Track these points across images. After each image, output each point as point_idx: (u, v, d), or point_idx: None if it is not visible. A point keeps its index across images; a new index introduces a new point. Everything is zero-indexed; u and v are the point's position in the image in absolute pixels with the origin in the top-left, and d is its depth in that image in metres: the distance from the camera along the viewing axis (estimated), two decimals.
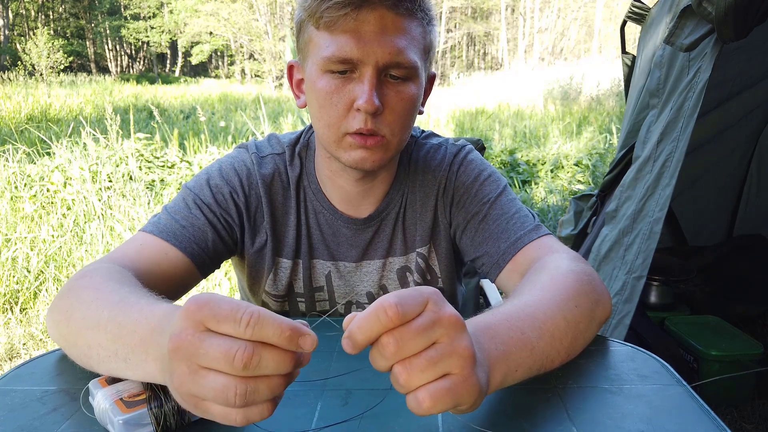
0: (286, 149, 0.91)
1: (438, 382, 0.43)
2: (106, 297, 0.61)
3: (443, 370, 0.44)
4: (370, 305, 0.43)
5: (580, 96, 12.27)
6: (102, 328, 0.57)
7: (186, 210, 0.82)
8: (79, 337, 0.60)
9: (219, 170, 0.87)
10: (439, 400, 0.43)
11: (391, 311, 0.42)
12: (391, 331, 0.43)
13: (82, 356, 0.60)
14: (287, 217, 0.90)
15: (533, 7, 33.17)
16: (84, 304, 0.62)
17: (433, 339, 0.44)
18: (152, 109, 6.41)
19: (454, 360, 0.44)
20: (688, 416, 0.54)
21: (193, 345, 0.41)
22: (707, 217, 2.88)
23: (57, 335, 0.65)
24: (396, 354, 0.43)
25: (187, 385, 0.42)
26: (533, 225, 0.84)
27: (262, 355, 0.40)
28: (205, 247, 0.81)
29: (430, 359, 0.43)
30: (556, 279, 0.67)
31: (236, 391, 0.40)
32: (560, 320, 0.60)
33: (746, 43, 1.73)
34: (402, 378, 0.43)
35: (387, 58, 0.74)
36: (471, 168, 0.91)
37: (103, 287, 0.63)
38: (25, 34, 30.63)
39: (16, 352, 2.37)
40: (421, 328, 0.43)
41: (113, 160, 4.35)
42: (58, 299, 0.67)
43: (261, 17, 26.80)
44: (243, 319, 0.40)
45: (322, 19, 0.74)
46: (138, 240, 0.79)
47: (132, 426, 0.49)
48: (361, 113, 0.75)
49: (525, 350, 0.55)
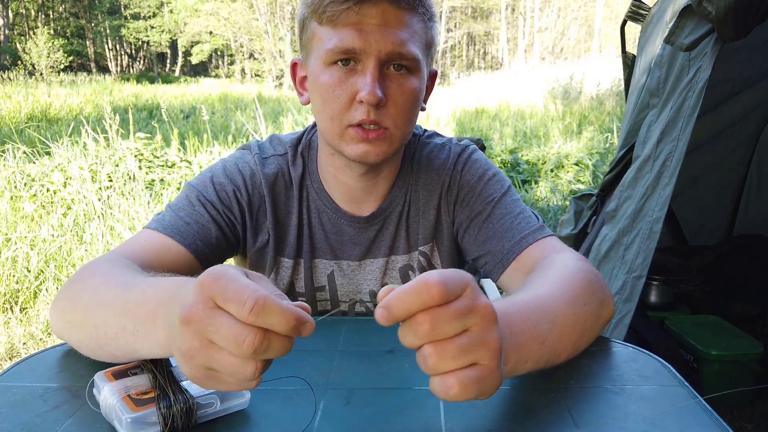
0: (288, 149, 0.91)
1: (467, 371, 0.43)
2: (113, 280, 0.62)
3: (472, 359, 0.43)
4: (412, 279, 0.43)
5: (581, 95, 12.26)
6: (110, 306, 0.57)
7: (190, 207, 0.83)
8: (86, 318, 0.60)
9: (223, 169, 0.88)
10: (467, 389, 0.43)
11: (434, 289, 0.42)
12: (429, 310, 0.42)
13: (90, 339, 0.60)
14: (289, 217, 0.90)
15: (533, 6, 33.16)
16: (90, 287, 0.62)
17: (467, 326, 0.43)
18: (159, 105, 6.40)
19: (484, 351, 0.44)
20: (689, 416, 0.54)
21: (203, 321, 0.42)
22: (707, 217, 2.88)
23: (62, 324, 0.65)
24: (429, 334, 0.42)
25: (199, 358, 0.43)
26: (537, 225, 0.84)
27: (271, 341, 0.42)
28: (208, 243, 0.82)
29: (462, 346, 0.43)
30: (565, 276, 0.67)
31: (256, 367, 0.42)
32: (570, 316, 0.61)
33: (746, 43, 1.73)
34: (431, 360, 0.43)
35: (389, 48, 0.74)
36: (476, 167, 0.91)
37: (109, 272, 0.64)
38: (25, 33, 30.61)
39: (16, 352, 2.36)
40: (458, 313, 0.43)
41: (113, 160, 4.35)
42: (62, 290, 0.67)
43: (261, 17, 26.78)
44: (247, 304, 0.40)
45: (324, 14, 0.74)
46: (142, 236, 0.80)
47: (139, 424, 0.49)
48: (363, 105, 0.75)
49: (536, 342, 0.55)
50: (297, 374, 0.61)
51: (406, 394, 0.58)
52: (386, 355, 0.67)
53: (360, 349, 0.69)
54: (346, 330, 0.74)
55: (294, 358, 0.65)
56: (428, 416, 0.54)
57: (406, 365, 0.64)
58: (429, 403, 0.56)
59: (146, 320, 0.53)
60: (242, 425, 0.53)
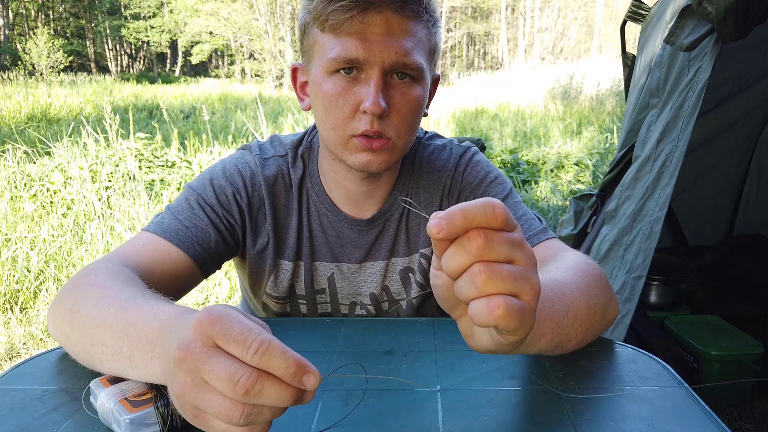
0: (288, 151, 0.91)
1: (512, 298, 0.42)
2: (112, 296, 0.61)
3: (518, 290, 0.42)
4: (475, 200, 0.41)
5: (581, 95, 12.26)
6: (107, 326, 0.57)
7: (189, 210, 0.82)
8: (83, 334, 0.59)
9: (222, 171, 0.87)
10: (510, 314, 0.41)
11: (498, 210, 0.41)
12: (483, 228, 0.41)
13: (85, 354, 0.59)
14: (289, 219, 0.90)
15: (533, 6, 33.16)
16: (89, 301, 0.61)
17: (515, 258, 0.42)
18: (159, 105, 6.40)
19: (528, 287, 0.42)
20: (689, 417, 0.54)
21: (199, 359, 0.41)
22: (707, 217, 2.88)
23: (59, 333, 0.64)
24: (482, 251, 0.41)
25: (189, 396, 0.42)
26: (541, 227, 0.84)
27: (265, 384, 0.40)
28: (207, 247, 0.81)
29: (512, 272, 0.41)
30: (579, 267, 0.69)
31: (242, 412, 0.40)
32: (583, 303, 0.62)
33: (746, 43, 1.73)
34: (481, 278, 0.40)
35: (393, 58, 0.73)
36: (477, 169, 0.91)
37: (109, 286, 0.63)
38: (25, 33, 30.65)
39: (16, 352, 2.37)
40: (511, 241, 0.42)
41: (113, 160, 4.35)
42: (61, 296, 0.66)
43: (261, 17, 26.78)
44: (252, 346, 0.40)
45: (327, 21, 0.73)
46: (141, 239, 0.79)
47: (138, 425, 0.49)
48: (367, 115, 0.75)
49: (552, 322, 0.55)
50: None
51: (405, 395, 0.58)
52: (385, 356, 0.67)
53: (358, 350, 0.69)
54: (345, 331, 0.74)
55: None
56: (427, 417, 0.54)
57: (404, 366, 0.64)
58: (427, 404, 0.56)
59: (143, 348, 0.52)
60: None
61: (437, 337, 0.72)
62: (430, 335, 0.72)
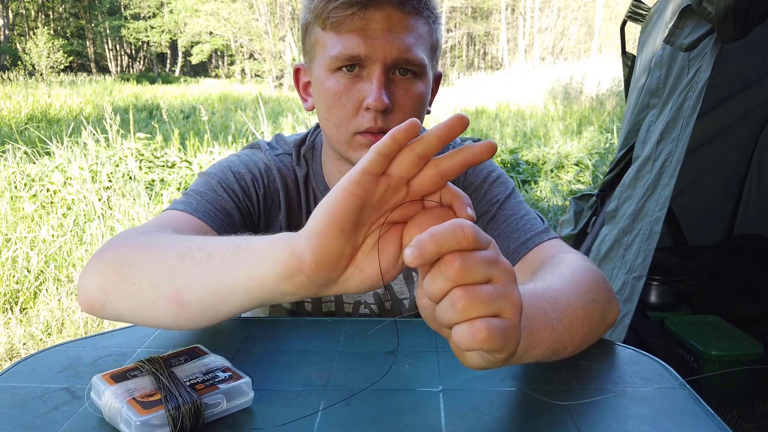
0: (292, 150, 0.91)
1: (494, 319, 0.42)
2: (175, 236, 0.58)
3: (499, 309, 0.42)
4: (443, 223, 0.42)
5: (581, 95, 12.26)
6: (200, 241, 0.54)
7: (213, 193, 0.79)
8: (165, 253, 0.55)
9: (239, 160, 0.85)
10: (493, 336, 0.41)
11: (468, 231, 0.41)
12: (459, 252, 0.41)
13: (160, 278, 0.54)
14: (300, 215, 0.89)
15: (533, 6, 33.16)
16: (159, 243, 0.57)
17: (492, 276, 0.42)
18: (159, 105, 6.40)
19: (508, 304, 0.43)
20: (690, 418, 0.54)
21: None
22: (707, 217, 2.88)
23: (112, 280, 0.57)
24: (460, 275, 0.41)
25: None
26: (543, 227, 0.84)
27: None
28: (234, 231, 0.78)
29: (491, 293, 0.42)
30: (575, 272, 0.67)
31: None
32: (579, 310, 0.61)
33: (746, 43, 1.73)
34: (461, 303, 0.41)
35: (395, 54, 0.73)
36: (480, 168, 0.90)
37: (163, 234, 0.61)
38: (25, 33, 30.63)
39: (16, 352, 2.36)
40: (486, 260, 0.42)
41: (113, 160, 4.35)
42: (103, 253, 0.60)
43: (261, 17, 26.78)
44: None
45: (328, 19, 0.73)
46: (173, 215, 0.74)
47: (148, 427, 0.48)
48: (370, 112, 0.75)
49: (546, 330, 0.55)
50: (296, 374, 0.61)
51: (407, 395, 0.58)
52: (387, 357, 0.67)
53: (360, 350, 0.69)
54: (347, 331, 0.74)
55: (294, 359, 0.65)
56: (429, 418, 0.54)
57: (406, 366, 0.64)
58: (430, 405, 0.56)
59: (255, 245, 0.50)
60: (243, 425, 0.53)
61: (439, 337, 0.72)
62: (432, 335, 0.72)
